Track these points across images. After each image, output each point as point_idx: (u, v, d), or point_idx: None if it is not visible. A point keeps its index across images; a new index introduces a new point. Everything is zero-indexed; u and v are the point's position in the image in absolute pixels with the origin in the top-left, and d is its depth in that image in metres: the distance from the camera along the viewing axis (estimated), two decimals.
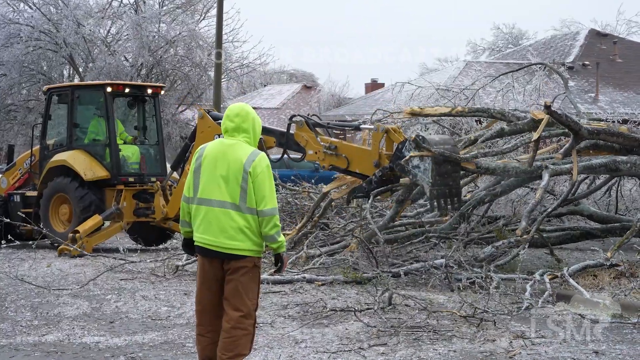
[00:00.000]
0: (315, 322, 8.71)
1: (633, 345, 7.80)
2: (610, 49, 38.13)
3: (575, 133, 11.29)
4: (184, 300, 10.04)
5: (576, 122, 11.34)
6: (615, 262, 11.22)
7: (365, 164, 12.13)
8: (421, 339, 7.97)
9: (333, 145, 12.40)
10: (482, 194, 13.59)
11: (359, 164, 12.26)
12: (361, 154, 12.29)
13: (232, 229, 5.93)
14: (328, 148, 12.39)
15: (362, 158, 12.26)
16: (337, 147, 12.38)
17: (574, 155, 11.53)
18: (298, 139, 12.71)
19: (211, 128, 13.75)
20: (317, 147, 12.53)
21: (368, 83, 48.41)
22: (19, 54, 26.93)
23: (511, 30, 57.47)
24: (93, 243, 14.63)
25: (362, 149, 12.43)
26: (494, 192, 13.49)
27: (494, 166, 12.31)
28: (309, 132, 12.65)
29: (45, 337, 8.21)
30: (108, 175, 15.35)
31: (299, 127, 12.74)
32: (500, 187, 13.46)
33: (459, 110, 13.79)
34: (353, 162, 12.27)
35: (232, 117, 6.10)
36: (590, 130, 11.58)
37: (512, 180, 13.16)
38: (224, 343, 5.93)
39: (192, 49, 28.27)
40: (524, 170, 11.95)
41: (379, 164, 11.95)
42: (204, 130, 13.88)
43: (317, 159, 12.63)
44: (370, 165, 12.10)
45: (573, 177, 11.57)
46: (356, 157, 12.28)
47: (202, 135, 13.91)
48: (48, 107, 16.37)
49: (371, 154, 12.07)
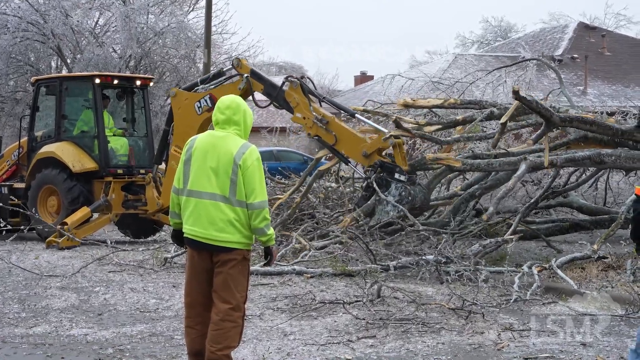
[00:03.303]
0: (304, 315, 8.71)
1: (620, 338, 7.83)
2: (599, 42, 38.20)
3: (546, 120, 11.28)
4: (172, 293, 10.03)
5: (547, 109, 11.32)
6: (602, 255, 11.26)
7: (354, 149, 12.22)
8: (410, 331, 7.98)
9: (325, 119, 12.43)
10: (474, 188, 13.66)
11: (346, 146, 12.35)
12: (353, 138, 12.35)
13: (222, 222, 5.92)
14: (319, 120, 12.42)
15: (352, 142, 12.32)
16: (329, 123, 12.42)
17: (545, 142, 11.57)
18: (289, 97, 12.73)
19: (189, 99, 13.72)
20: (307, 114, 12.54)
21: (357, 75, 48.42)
22: (6, 45, 26.75)
23: (500, 24, 57.56)
24: (81, 235, 14.58)
25: (356, 135, 12.45)
26: (485, 186, 13.57)
27: (478, 162, 12.43)
28: (302, 96, 12.66)
29: (33, 329, 8.18)
30: (96, 167, 15.30)
31: (293, 87, 12.75)
32: (491, 180, 13.54)
33: (451, 102, 13.93)
34: (341, 142, 12.34)
35: (223, 110, 6.09)
36: (563, 117, 11.56)
37: (502, 174, 13.24)
38: (212, 335, 5.93)
39: (181, 41, 28.16)
40: (508, 162, 12.06)
41: (367, 155, 12.00)
42: (181, 105, 13.81)
43: (304, 124, 12.68)
44: (358, 152, 12.19)
45: (545, 164, 11.58)
46: (346, 139, 12.34)
47: (181, 111, 13.84)
48: (36, 99, 16.29)
49: (364, 144, 12.13)
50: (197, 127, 13.55)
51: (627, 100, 29.67)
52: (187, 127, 13.72)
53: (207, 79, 13.92)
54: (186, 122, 13.77)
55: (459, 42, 58.69)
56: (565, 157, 12.02)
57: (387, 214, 11.94)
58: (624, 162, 12.12)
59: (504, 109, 13.03)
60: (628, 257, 10.89)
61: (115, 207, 15.28)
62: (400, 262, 11.15)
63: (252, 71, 13.30)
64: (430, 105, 13.95)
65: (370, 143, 12.14)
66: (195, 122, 13.63)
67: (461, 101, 14.14)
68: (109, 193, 15.24)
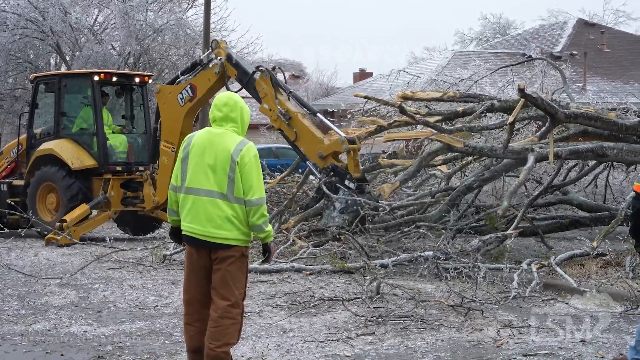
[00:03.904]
0: (303, 312, 8.71)
1: (619, 334, 7.83)
2: (598, 38, 38.21)
3: (551, 116, 11.27)
4: (171, 290, 10.02)
5: (552, 106, 11.33)
6: (601, 252, 11.26)
7: (311, 149, 12.52)
8: (409, 328, 7.98)
9: (288, 115, 12.63)
10: (471, 180, 13.57)
11: (305, 145, 12.64)
12: (311, 138, 12.60)
13: (220, 219, 5.91)
14: (283, 115, 12.55)
15: (310, 142, 12.58)
16: (292, 119, 12.63)
17: (550, 138, 11.56)
18: (258, 87, 12.96)
19: (172, 93, 13.86)
20: (273, 106, 12.74)
21: (356, 72, 48.37)
22: (5, 42, 26.73)
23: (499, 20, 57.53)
24: (80, 232, 14.58)
25: (315, 135, 12.65)
26: (482, 178, 13.49)
27: (481, 146, 12.43)
28: (270, 87, 12.80)
29: (33, 326, 8.18)
30: (95, 164, 15.30)
31: (263, 77, 12.90)
32: (489, 172, 13.45)
33: (450, 94, 13.97)
34: (301, 139, 12.62)
35: (220, 107, 6.08)
36: (567, 113, 11.56)
37: (500, 166, 13.18)
38: (211, 332, 5.92)
39: (180, 38, 28.13)
40: (512, 151, 12.03)
41: (323, 157, 12.21)
42: (166, 100, 13.93)
43: (270, 116, 12.90)
44: (314, 152, 12.44)
45: (550, 159, 11.58)
46: (305, 137, 12.57)
47: (166, 106, 13.98)
48: (35, 96, 16.29)
49: (320, 145, 12.36)
50: (181, 118, 13.71)
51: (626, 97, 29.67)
52: (172, 121, 13.87)
53: (186, 70, 14.13)
54: (171, 116, 13.92)
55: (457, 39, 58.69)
56: (570, 149, 12.04)
57: (332, 219, 12.09)
58: (625, 155, 12.14)
59: (504, 101, 13.13)
60: (627, 254, 10.88)
61: (114, 204, 15.28)
62: (398, 259, 11.14)
63: (229, 55, 13.51)
64: (429, 98, 13.98)
65: (327, 145, 12.31)
66: (179, 114, 13.80)
67: (460, 94, 14.19)
68: (107, 190, 15.24)
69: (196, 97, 13.77)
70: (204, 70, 13.64)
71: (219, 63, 13.25)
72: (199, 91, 13.72)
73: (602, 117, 12.23)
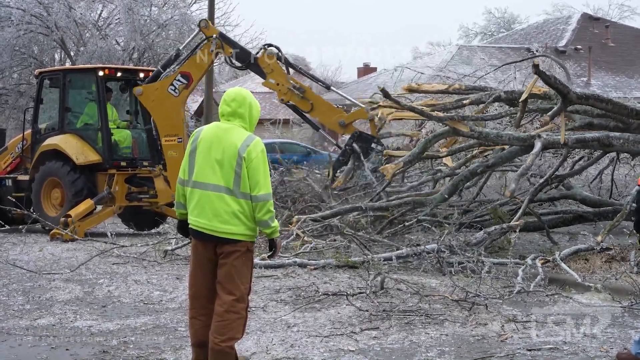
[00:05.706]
0: (308, 306, 8.72)
1: (624, 329, 7.83)
2: (603, 33, 38.14)
3: (563, 96, 11.25)
4: (176, 285, 10.04)
5: (564, 85, 11.35)
6: (606, 246, 11.25)
7: (330, 117, 13.09)
8: (413, 323, 7.98)
9: (302, 88, 13.07)
10: (475, 165, 13.48)
11: (322, 114, 13.25)
12: (329, 107, 13.44)
13: (226, 213, 5.92)
14: (297, 89, 12.92)
15: (328, 111, 13.28)
16: (306, 92, 13.19)
17: (561, 118, 11.56)
18: (262, 63, 13.19)
19: (159, 88, 14.03)
20: (282, 81, 13.13)
21: (360, 67, 48.40)
22: (10, 38, 26.77)
23: (503, 15, 57.50)
24: (85, 227, 14.59)
25: (331, 105, 13.27)
26: (487, 164, 13.42)
27: (487, 132, 12.46)
28: (276, 63, 13.11)
29: (38, 321, 8.20)
30: (100, 159, 15.30)
31: (267, 54, 13.20)
32: (493, 158, 13.38)
33: (455, 87, 14.04)
34: (317, 110, 13.17)
35: (229, 102, 6.09)
36: (579, 94, 11.58)
37: (505, 153, 13.12)
38: (216, 327, 5.93)
39: (184, 33, 28.14)
40: (518, 137, 12.06)
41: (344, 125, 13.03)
42: (154, 97, 14.08)
43: (277, 90, 13.18)
44: (335, 121, 13.11)
45: (561, 140, 11.55)
46: (322, 108, 13.21)
47: (156, 102, 14.14)
48: (40, 91, 16.29)
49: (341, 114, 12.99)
50: (179, 108, 13.89)
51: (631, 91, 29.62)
52: (169, 113, 14.00)
53: (168, 63, 14.36)
54: (166, 109, 14.03)
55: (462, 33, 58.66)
56: (576, 138, 12.03)
57: (364, 178, 13.16)
58: (631, 145, 12.12)
59: (511, 92, 13.24)
60: (632, 249, 10.88)
61: (118, 199, 15.29)
62: (402, 253, 11.12)
63: (221, 33, 13.78)
64: (435, 90, 14.06)
65: (351, 114, 13.09)
66: (177, 104, 13.99)
67: (465, 87, 14.21)
68: (112, 185, 15.24)
69: (192, 83, 14.09)
70: (193, 54, 13.91)
71: (214, 42, 13.50)
72: (194, 76, 14.07)
73: (614, 100, 12.46)
